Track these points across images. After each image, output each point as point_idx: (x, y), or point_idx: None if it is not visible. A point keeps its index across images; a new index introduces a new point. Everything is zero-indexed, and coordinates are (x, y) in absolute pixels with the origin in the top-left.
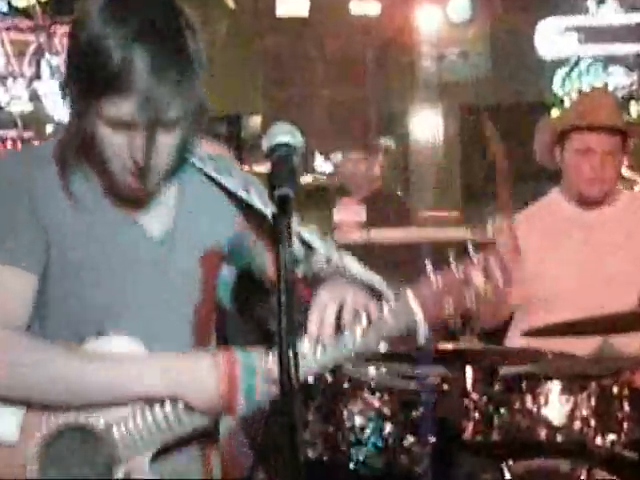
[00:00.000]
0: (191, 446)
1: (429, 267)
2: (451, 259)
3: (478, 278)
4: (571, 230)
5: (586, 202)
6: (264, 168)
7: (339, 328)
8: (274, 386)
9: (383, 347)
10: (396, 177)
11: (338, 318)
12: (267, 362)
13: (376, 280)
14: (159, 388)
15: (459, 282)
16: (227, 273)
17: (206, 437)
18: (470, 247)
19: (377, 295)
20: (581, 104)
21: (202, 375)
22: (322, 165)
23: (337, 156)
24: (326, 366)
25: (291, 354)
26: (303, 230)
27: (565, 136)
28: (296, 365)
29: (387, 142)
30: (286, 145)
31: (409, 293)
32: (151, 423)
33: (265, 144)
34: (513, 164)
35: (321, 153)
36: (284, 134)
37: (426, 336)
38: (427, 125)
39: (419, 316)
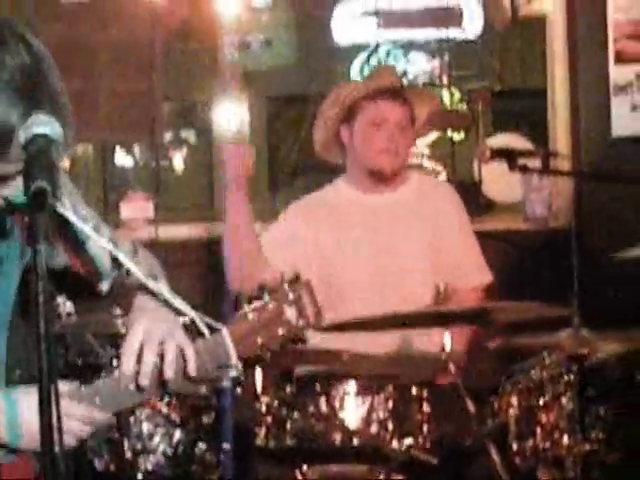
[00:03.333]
0: None
1: (246, 305)
2: (265, 297)
3: (291, 315)
4: (359, 219)
5: (377, 178)
6: None
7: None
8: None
9: None
10: (199, 171)
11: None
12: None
13: (190, 312)
14: None
15: (272, 318)
16: None
17: None
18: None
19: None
20: (372, 76)
21: None
22: (123, 159)
23: (136, 149)
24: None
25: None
26: (118, 250)
27: (356, 108)
28: (57, 398)
29: (188, 135)
30: (44, 136)
31: (224, 331)
32: None
33: (22, 136)
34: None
35: (121, 147)
36: (42, 125)
37: (238, 372)
38: (231, 117)
39: (233, 354)
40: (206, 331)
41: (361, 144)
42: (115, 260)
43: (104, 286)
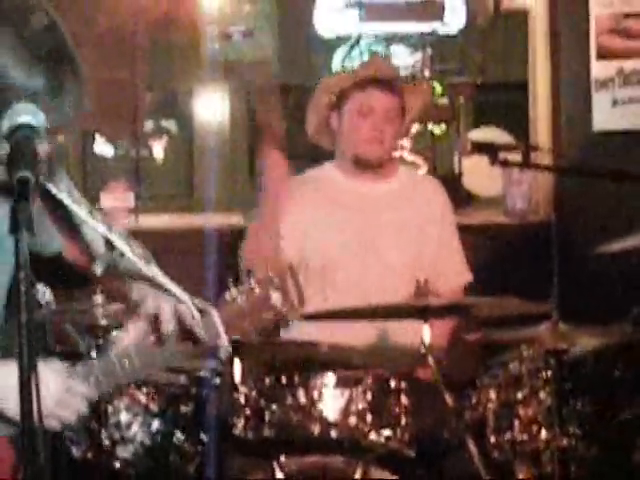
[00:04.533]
0: None
1: (233, 289)
2: (251, 281)
3: (277, 300)
4: (346, 205)
5: (363, 165)
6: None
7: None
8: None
9: None
10: (180, 160)
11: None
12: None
13: (182, 295)
14: None
15: (259, 302)
16: None
17: None
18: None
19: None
20: (363, 65)
21: None
22: (103, 148)
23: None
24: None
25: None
26: (112, 234)
27: (345, 97)
28: (35, 374)
29: (168, 125)
30: (28, 126)
31: (214, 312)
32: None
33: (5, 125)
34: (300, 145)
35: (102, 136)
36: (26, 114)
37: (227, 353)
38: (212, 107)
39: (223, 336)
40: (197, 314)
41: (348, 131)
42: (108, 243)
43: (98, 269)
